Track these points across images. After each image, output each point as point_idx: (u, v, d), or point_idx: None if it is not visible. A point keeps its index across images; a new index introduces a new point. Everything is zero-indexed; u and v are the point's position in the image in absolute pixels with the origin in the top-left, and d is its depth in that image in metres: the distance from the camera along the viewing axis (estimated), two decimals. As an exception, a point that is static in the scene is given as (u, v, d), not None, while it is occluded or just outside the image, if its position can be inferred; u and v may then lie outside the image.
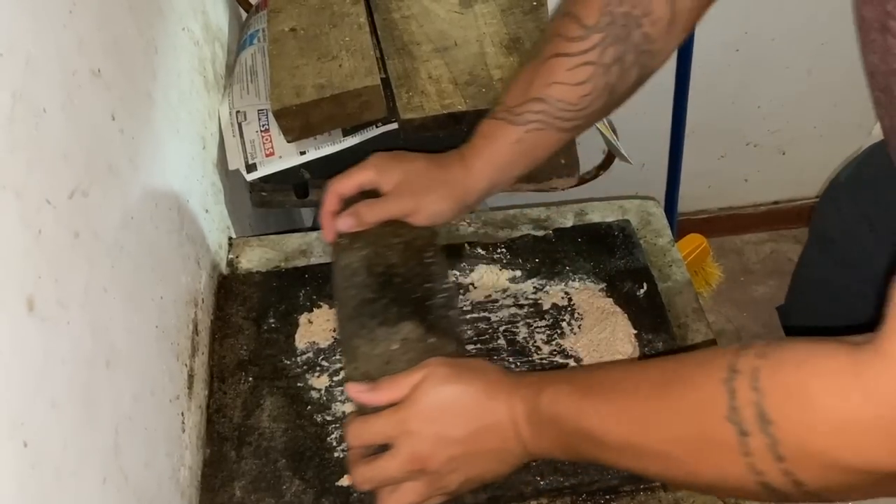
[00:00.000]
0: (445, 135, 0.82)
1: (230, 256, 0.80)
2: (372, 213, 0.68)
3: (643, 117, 1.44)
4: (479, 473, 0.56)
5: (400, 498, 0.56)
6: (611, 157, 1.29)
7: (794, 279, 1.00)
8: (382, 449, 0.55)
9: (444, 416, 0.54)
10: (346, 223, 0.68)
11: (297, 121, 0.79)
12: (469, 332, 0.71)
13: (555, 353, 0.70)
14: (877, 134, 0.66)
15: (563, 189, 0.94)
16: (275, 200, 0.93)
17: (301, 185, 0.88)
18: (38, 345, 0.38)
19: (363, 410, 0.57)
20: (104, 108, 0.51)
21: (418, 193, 0.68)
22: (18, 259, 0.38)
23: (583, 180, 1.25)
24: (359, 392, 0.57)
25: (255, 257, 0.81)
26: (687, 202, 1.62)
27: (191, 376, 0.64)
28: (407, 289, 0.63)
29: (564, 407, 0.51)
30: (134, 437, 0.49)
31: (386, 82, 0.84)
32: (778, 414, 0.40)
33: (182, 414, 0.60)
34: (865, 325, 0.41)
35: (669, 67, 1.28)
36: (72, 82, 0.46)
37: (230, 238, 0.82)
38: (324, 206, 0.70)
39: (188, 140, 0.72)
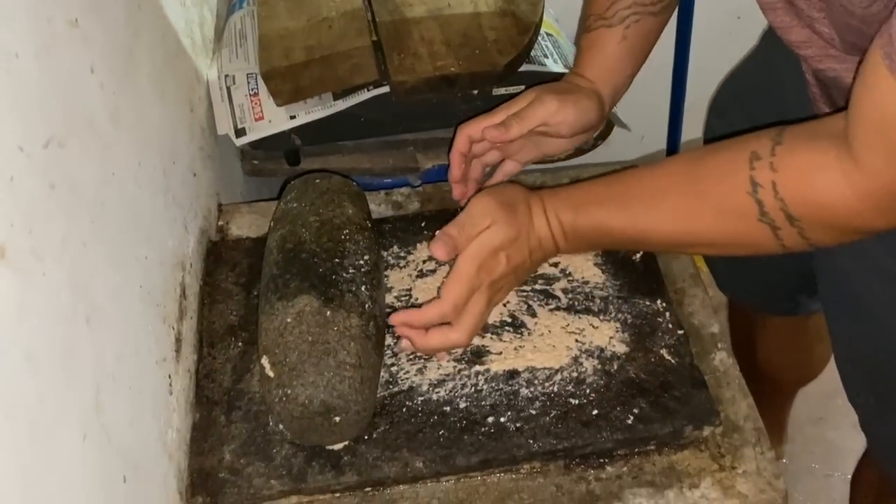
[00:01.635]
0: (438, 98, 0.80)
1: (220, 223, 0.79)
2: (521, 121, 0.69)
3: (641, 89, 1.41)
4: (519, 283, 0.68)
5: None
6: (609, 126, 1.27)
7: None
8: None
9: (517, 257, 0.63)
10: (494, 132, 0.69)
11: (286, 83, 0.77)
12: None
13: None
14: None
15: (560, 159, 0.93)
16: (266, 169, 0.91)
17: (292, 151, 0.87)
18: (10, 295, 0.37)
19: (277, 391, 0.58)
20: (82, 60, 0.50)
21: (558, 94, 0.70)
22: (-12, 205, 0.37)
23: (581, 151, 1.24)
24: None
25: (245, 224, 0.79)
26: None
27: (178, 340, 0.63)
28: (312, 264, 0.63)
29: (604, 226, 0.63)
30: (117, 397, 0.48)
31: (378, 46, 0.82)
32: (800, 212, 0.53)
33: (169, 377, 0.59)
34: None
35: (668, 37, 1.26)
36: (46, 30, 0.45)
37: (220, 205, 0.81)
38: (455, 148, 0.71)
39: (174, 102, 0.70)
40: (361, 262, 0.64)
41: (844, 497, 1.22)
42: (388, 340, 0.67)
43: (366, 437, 0.62)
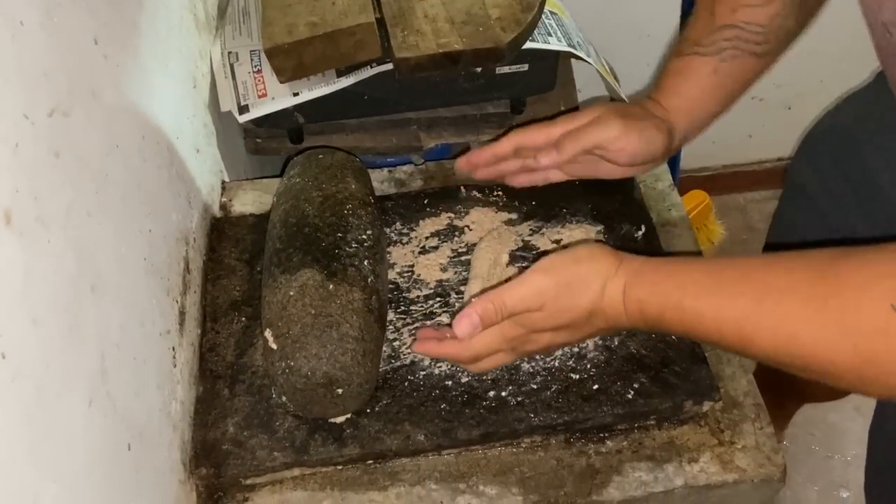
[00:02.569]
0: (440, 75, 0.80)
1: (223, 199, 0.79)
2: (576, 142, 0.64)
3: (645, 69, 1.41)
4: (578, 340, 0.60)
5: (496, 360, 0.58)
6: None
7: (771, 232, 0.99)
8: None
9: (565, 310, 0.54)
10: (546, 157, 0.65)
11: (289, 60, 0.77)
12: (464, 273, 0.70)
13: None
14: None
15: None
16: (269, 147, 0.91)
17: (296, 129, 0.87)
18: (16, 259, 0.38)
19: (280, 363, 0.58)
20: (86, 31, 0.50)
21: (624, 117, 0.64)
22: (-6, 170, 0.37)
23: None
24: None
25: (249, 200, 0.80)
26: (690, 159, 1.60)
27: (182, 313, 0.63)
28: (316, 238, 0.63)
29: (696, 322, 0.50)
30: (122, 366, 0.49)
31: (381, 23, 0.82)
32: None
33: (173, 349, 0.60)
34: None
35: (672, 17, 1.25)
36: (50, -1, 0.45)
37: (223, 182, 0.81)
38: (496, 145, 0.67)
39: (177, 77, 0.70)
40: (364, 236, 0.65)
41: (844, 478, 1.23)
42: (391, 315, 0.67)
43: (368, 411, 0.62)
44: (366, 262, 0.63)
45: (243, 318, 0.69)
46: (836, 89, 1.56)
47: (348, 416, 0.62)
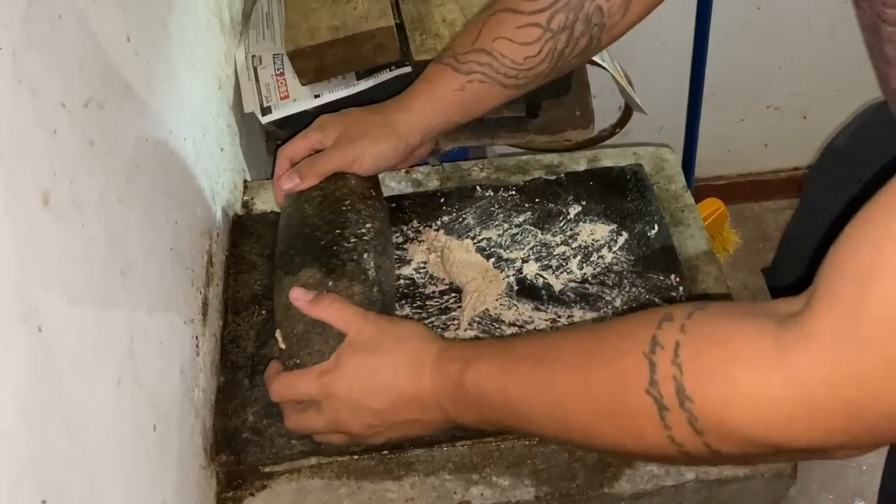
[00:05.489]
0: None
1: (245, 198, 0.81)
2: (314, 169, 0.68)
3: (660, 77, 1.43)
4: (401, 436, 0.58)
5: (332, 440, 0.59)
6: (627, 114, 1.28)
7: (783, 242, 1.00)
8: None
9: (365, 388, 0.55)
10: (288, 182, 0.68)
11: (311, 63, 0.80)
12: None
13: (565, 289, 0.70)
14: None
15: (576, 141, 0.94)
16: (290, 148, 0.93)
17: (316, 131, 0.89)
18: (52, 239, 0.40)
19: (289, 362, 0.60)
20: (119, 28, 0.52)
21: (356, 139, 0.69)
22: (35, 153, 0.39)
23: (600, 138, 1.25)
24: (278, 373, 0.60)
25: (270, 199, 0.81)
26: (705, 167, 1.61)
27: (205, 304, 0.65)
28: (315, 237, 0.65)
29: (488, 384, 0.51)
30: (149, 348, 0.51)
31: (400, 27, 0.84)
32: (697, 391, 0.40)
33: (196, 338, 0.62)
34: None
35: (687, 25, 1.26)
36: (87, -5, 0.47)
37: (245, 180, 0.83)
38: (276, 172, 0.71)
39: (203, 77, 0.73)
40: (363, 230, 0.66)
41: (859, 487, 1.22)
42: (407, 310, 0.69)
43: (384, 401, 0.63)
44: (365, 255, 0.64)
45: (263, 312, 0.71)
46: (851, 98, 1.57)
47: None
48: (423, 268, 0.73)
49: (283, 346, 0.61)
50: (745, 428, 0.38)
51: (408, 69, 0.82)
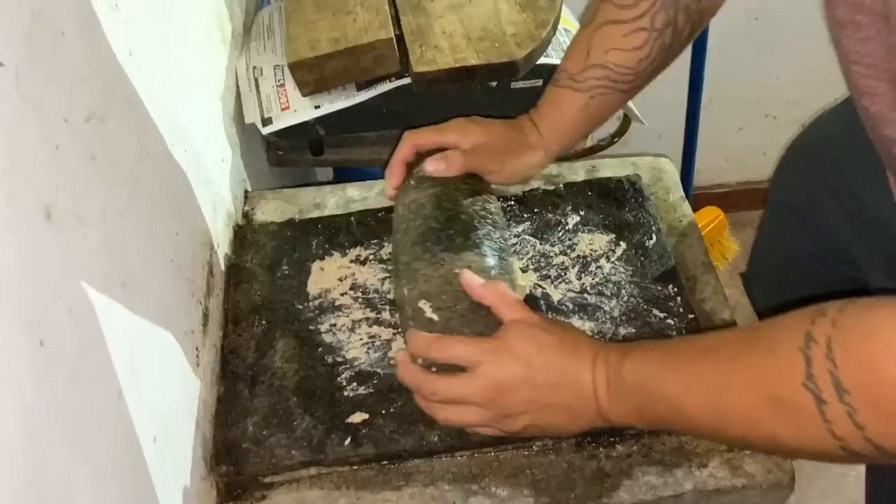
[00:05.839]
0: (457, 89, 0.83)
1: (246, 208, 0.82)
2: (461, 162, 0.70)
3: (659, 87, 1.42)
4: (546, 423, 0.57)
5: (462, 416, 0.57)
6: (626, 124, 1.28)
7: (756, 247, 1.01)
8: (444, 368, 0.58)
9: (533, 360, 0.55)
10: (435, 165, 0.69)
11: (311, 74, 0.80)
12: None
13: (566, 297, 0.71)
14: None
15: (575, 151, 0.94)
16: (291, 159, 0.94)
17: (316, 141, 0.90)
18: (54, 253, 0.40)
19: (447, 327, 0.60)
20: (122, 43, 0.52)
21: (501, 154, 0.71)
22: (37, 168, 0.39)
23: (598, 147, 1.25)
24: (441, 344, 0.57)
25: (270, 210, 0.82)
26: (704, 176, 1.61)
27: (205, 315, 0.66)
28: (472, 226, 0.67)
29: (647, 373, 0.52)
30: (149, 360, 0.51)
31: (400, 39, 0.85)
32: (852, 384, 0.41)
33: (197, 349, 0.62)
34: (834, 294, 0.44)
35: (687, 36, 1.27)
36: (89, 11, 0.48)
37: (246, 191, 0.84)
38: (398, 153, 0.71)
39: (205, 89, 0.73)
40: (507, 234, 0.70)
41: (859, 497, 1.22)
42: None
43: (383, 412, 0.64)
44: (510, 259, 0.67)
45: (264, 322, 0.71)
46: (850, 107, 1.57)
47: (365, 416, 0.64)
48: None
49: (434, 317, 0.61)
50: None
51: (407, 80, 0.83)
